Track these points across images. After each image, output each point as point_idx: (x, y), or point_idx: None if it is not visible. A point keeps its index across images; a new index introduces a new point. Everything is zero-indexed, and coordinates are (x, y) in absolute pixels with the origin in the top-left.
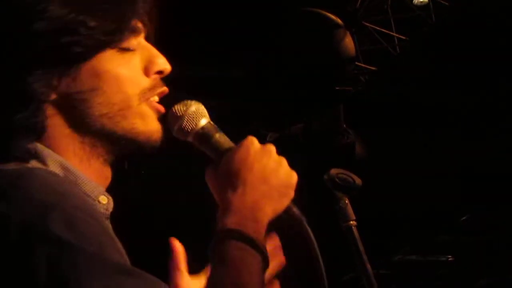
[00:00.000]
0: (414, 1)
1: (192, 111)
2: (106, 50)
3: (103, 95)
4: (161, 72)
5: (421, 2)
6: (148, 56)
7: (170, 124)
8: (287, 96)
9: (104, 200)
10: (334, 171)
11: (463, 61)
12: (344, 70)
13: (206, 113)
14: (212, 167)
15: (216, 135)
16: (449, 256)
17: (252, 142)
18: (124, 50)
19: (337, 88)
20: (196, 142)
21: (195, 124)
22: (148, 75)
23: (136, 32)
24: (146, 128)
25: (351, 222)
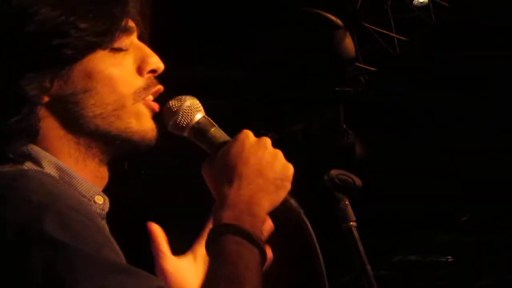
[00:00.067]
0: (414, 1)
1: (187, 106)
2: (98, 51)
3: (96, 96)
4: (154, 71)
5: (421, 3)
6: (141, 55)
7: (165, 119)
8: (287, 96)
9: (100, 200)
10: (334, 171)
11: (463, 61)
12: (344, 70)
13: (201, 107)
14: (208, 161)
15: (212, 129)
16: (449, 256)
17: (247, 135)
18: (116, 50)
19: (337, 88)
20: (192, 136)
21: (190, 119)
22: (141, 74)
23: (128, 31)
24: (140, 127)
25: (351, 223)
